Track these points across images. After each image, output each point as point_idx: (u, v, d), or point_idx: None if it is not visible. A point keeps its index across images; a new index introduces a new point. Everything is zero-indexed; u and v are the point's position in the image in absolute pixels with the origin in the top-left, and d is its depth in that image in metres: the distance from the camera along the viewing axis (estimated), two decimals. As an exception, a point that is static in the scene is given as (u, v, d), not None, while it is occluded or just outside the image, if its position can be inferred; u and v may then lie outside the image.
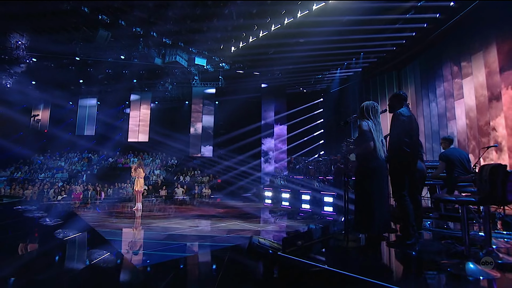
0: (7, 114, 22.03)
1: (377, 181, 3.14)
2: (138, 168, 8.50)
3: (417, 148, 3.67)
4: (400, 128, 3.51)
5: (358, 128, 3.21)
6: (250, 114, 19.75)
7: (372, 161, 3.20)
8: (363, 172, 3.24)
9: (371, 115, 3.30)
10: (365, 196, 3.14)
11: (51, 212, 7.91)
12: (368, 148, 3.12)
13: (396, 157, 3.49)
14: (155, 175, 18.45)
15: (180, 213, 8.13)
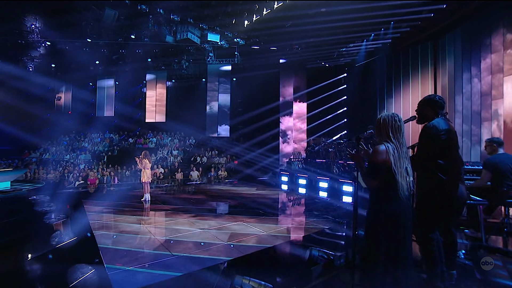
0: (33, 96, 22.69)
1: (395, 232, 2.20)
2: (144, 159, 8.14)
3: (459, 172, 2.77)
4: (433, 147, 2.67)
5: (373, 152, 2.26)
6: (268, 91, 18.72)
7: (389, 202, 2.25)
8: (375, 218, 2.30)
9: (392, 133, 2.32)
10: (374, 249, 2.24)
11: (60, 203, 7.86)
12: (383, 183, 2.19)
13: (425, 189, 2.65)
14: (173, 155, 18.38)
15: (188, 206, 7.76)
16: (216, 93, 19.14)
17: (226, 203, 8.10)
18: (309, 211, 7.78)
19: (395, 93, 13.91)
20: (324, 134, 16.69)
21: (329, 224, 6.09)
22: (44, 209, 7.00)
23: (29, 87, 21.46)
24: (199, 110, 19.93)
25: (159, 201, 8.30)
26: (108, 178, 11.89)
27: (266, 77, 18.74)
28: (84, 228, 5.62)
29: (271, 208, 7.73)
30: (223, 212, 7.14)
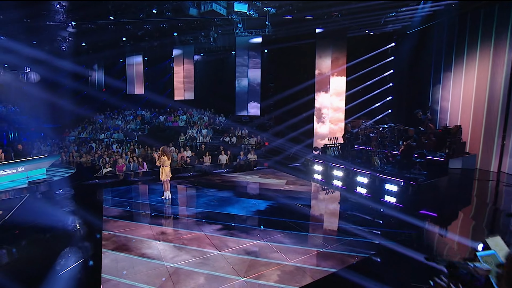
0: (70, 75, 23.22)
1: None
2: (162, 156, 7.48)
3: None
4: None
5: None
6: (303, 65, 16.98)
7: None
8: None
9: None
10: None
11: (80, 202, 7.63)
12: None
13: None
14: (202, 135, 17.89)
15: (209, 211, 7.09)
16: (245, 69, 17.80)
17: (250, 207, 7.26)
18: (345, 218, 6.70)
19: (455, 66, 11.62)
20: (365, 114, 14.90)
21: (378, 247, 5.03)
22: (59, 215, 6.70)
23: (65, 66, 21.89)
24: (229, 86, 18.87)
25: (179, 201, 7.71)
26: (135, 165, 11.66)
27: (300, 49, 16.89)
28: (93, 246, 5.16)
29: (300, 215, 6.76)
30: (245, 223, 6.32)
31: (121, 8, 13.49)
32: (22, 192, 8.97)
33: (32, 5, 14.42)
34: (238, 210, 7.00)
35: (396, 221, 6.42)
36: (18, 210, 7.04)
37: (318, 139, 15.40)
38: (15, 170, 10.55)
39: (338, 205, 7.91)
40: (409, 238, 5.60)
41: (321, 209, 7.77)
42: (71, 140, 19.30)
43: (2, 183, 10.21)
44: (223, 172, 11.41)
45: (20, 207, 7.21)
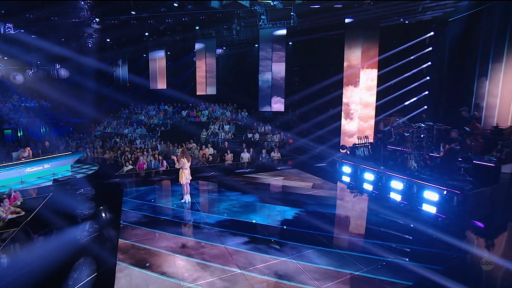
0: (95, 71, 23.68)
1: None
2: (182, 158, 7.09)
3: None
4: None
5: None
6: (330, 57, 16.04)
7: None
8: None
9: None
10: None
11: (98, 204, 7.47)
12: None
13: None
14: (224, 131, 17.52)
15: (231, 219, 6.64)
16: (269, 62, 17.10)
17: (275, 215, 6.72)
18: (380, 232, 5.98)
19: (507, 56, 10.26)
20: (398, 111, 13.80)
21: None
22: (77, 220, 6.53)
23: (91, 63, 22.32)
24: (252, 80, 18.29)
25: (200, 206, 7.32)
26: (156, 163, 11.48)
27: (327, 41, 15.96)
28: (108, 258, 4.87)
29: (330, 227, 6.15)
30: (270, 234, 5.79)
31: (142, 3, 13.23)
32: (46, 190, 9.02)
33: (58, 3, 14.60)
34: (262, 218, 6.49)
35: (439, 239, 5.61)
36: (39, 212, 6.97)
37: (345, 137, 14.50)
38: (41, 167, 10.71)
39: (371, 216, 7.16)
40: (456, 265, 4.82)
41: (352, 219, 7.06)
42: (97, 134, 19.66)
43: (29, 179, 10.40)
44: (245, 172, 10.94)
45: (41, 209, 7.15)
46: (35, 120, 21.52)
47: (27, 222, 6.40)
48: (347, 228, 6.47)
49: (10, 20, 16.95)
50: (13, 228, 6.21)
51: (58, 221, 6.47)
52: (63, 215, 6.77)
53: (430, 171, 8.75)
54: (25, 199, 7.89)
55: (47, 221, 6.45)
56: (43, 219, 6.61)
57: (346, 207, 7.76)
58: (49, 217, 6.68)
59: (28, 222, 6.40)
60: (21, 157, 10.62)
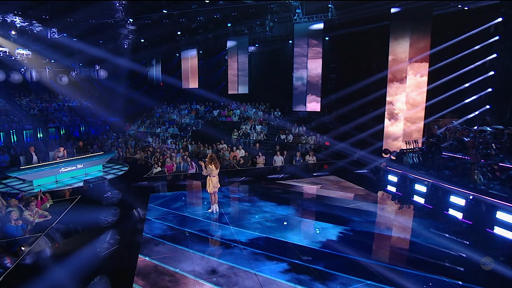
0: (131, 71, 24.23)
1: None
2: (209, 165, 6.44)
3: None
4: None
5: None
6: (372, 52, 14.65)
7: None
8: None
9: None
10: None
11: (122, 211, 7.08)
12: None
13: None
14: (256, 132, 16.81)
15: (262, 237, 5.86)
16: (304, 59, 16.07)
17: (316, 235, 5.80)
18: (446, 263, 4.83)
19: None
20: (453, 112, 12.11)
21: None
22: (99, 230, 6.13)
23: (126, 63, 22.82)
24: (286, 78, 17.37)
25: (228, 218, 6.61)
26: (185, 165, 11.05)
27: (369, 34, 14.51)
28: (124, 279, 4.31)
29: (383, 253, 5.12)
30: (311, 260, 4.87)
31: (173, 0, 12.93)
32: (76, 192, 8.91)
33: (94, 4, 14.84)
34: (301, 237, 5.61)
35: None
36: (64, 218, 6.72)
37: (389, 140, 13.09)
38: (74, 167, 10.75)
39: (431, 239, 5.96)
40: None
41: (409, 244, 5.80)
42: (131, 133, 19.97)
43: (63, 179, 10.48)
44: (278, 178, 10.09)
45: (66, 214, 6.91)
46: (76, 119, 22.51)
47: (50, 229, 6.13)
48: (404, 255, 5.35)
49: (54, 25, 17.68)
50: (38, 233, 5.99)
51: (79, 229, 6.15)
52: (86, 222, 6.46)
53: (501, 185, 7.28)
54: (55, 201, 7.77)
55: (69, 229, 6.16)
56: (66, 226, 6.32)
57: (399, 226, 6.59)
58: (72, 224, 6.40)
59: (51, 230, 6.13)
60: (56, 157, 10.73)
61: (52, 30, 18.55)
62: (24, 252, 5.27)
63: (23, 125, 19.64)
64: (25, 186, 9.76)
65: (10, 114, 20.02)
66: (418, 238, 5.72)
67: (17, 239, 5.99)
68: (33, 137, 19.50)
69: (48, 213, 6.93)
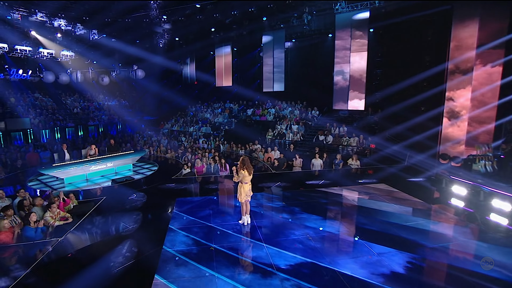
0: (166, 69, 24.33)
1: None
2: (241, 170, 5.48)
3: None
4: None
5: None
6: (427, 43, 12.86)
7: None
8: None
9: None
10: None
11: (144, 217, 6.40)
12: None
13: None
14: (292, 132, 15.65)
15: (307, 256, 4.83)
16: (347, 53, 14.60)
17: (374, 263, 4.57)
18: None
19: None
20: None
21: None
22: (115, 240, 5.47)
23: (162, 62, 22.89)
24: (325, 74, 16.01)
25: (262, 232, 5.60)
26: (216, 167, 10.27)
27: (423, 22, 12.75)
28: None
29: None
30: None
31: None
32: (102, 192, 8.51)
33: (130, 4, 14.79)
34: (356, 266, 4.41)
35: None
36: (85, 221, 6.19)
37: (449, 144, 11.23)
38: (105, 166, 10.48)
39: None
40: None
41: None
42: (164, 132, 19.86)
43: (94, 178, 10.24)
44: (319, 184, 8.89)
45: (88, 217, 6.39)
46: (114, 118, 23.07)
47: (68, 234, 5.60)
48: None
49: (93, 25, 18.08)
50: (56, 238, 5.49)
51: (98, 236, 5.55)
52: (106, 228, 5.86)
53: None
54: (80, 202, 7.36)
55: (85, 236, 5.58)
56: (85, 232, 5.76)
57: (487, 260, 5.09)
58: (91, 229, 5.83)
59: (69, 235, 5.59)
60: (88, 155, 10.55)
61: (93, 32, 19.07)
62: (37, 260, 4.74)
63: (66, 123, 20.43)
64: (57, 184, 9.63)
65: (56, 113, 20.98)
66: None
67: (35, 243, 5.55)
68: (74, 134, 20.19)
69: (70, 215, 6.48)
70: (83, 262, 4.62)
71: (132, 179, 9.50)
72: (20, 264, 4.66)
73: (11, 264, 4.69)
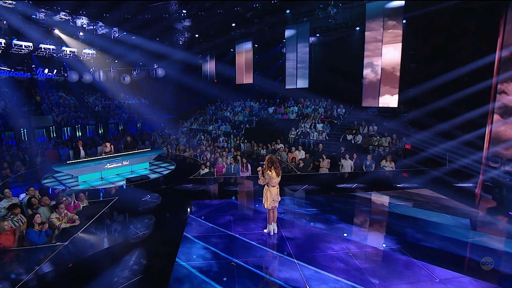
0: (186, 67, 23.98)
1: None
2: (268, 171, 4.63)
3: None
4: None
5: None
6: (469, 34, 11.52)
7: None
8: None
9: None
10: None
11: (157, 222, 5.70)
12: None
13: None
14: (317, 130, 14.63)
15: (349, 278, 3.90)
16: (378, 45, 13.40)
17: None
18: None
19: None
20: None
21: None
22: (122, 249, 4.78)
23: (182, 60, 22.55)
24: (353, 70, 14.87)
25: (292, 246, 4.72)
26: (236, 167, 9.49)
27: (467, 10, 11.40)
28: None
29: None
30: None
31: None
32: (116, 191, 7.95)
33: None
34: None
35: None
36: (92, 225, 5.57)
37: (501, 145, 9.82)
38: (120, 164, 9.97)
39: None
40: None
41: None
42: (183, 130, 19.40)
43: (108, 176, 9.77)
44: (351, 188, 7.89)
45: (96, 221, 5.77)
46: (133, 116, 22.98)
47: (73, 239, 4.99)
48: None
49: (113, 23, 17.90)
50: (59, 243, 4.91)
51: (103, 244, 4.89)
52: (114, 234, 5.21)
53: None
54: (91, 203, 6.80)
55: (92, 242, 4.94)
56: (90, 237, 5.12)
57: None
58: (98, 234, 5.20)
59: (74, 240, 4.97)
60: (103, 152, 10.10)
61: (114, 30, 18.95)
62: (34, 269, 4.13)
63: (87, 121, 20.50)
64: (71, 182, 9.22)
65: (78, 111, 21.12)
66: None
67: (37, 248, 4.98)
68: (95, 132, 20.19)
69: (78, 217, 5.89)
70: (82, 276, 3.95)
71: (148, 178, 8.90)
72: (16, 273, 4.06)
73: (6, 272, 4.10)
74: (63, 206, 5.80)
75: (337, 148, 12.40)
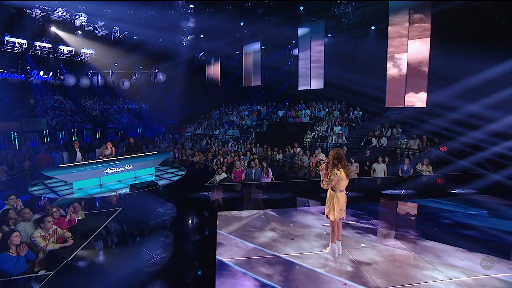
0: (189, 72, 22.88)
1: None
2: (335, 169, 3.39)
3: None
4: None
5: None
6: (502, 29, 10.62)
7: None
8: None
9: None
10: None
11: (173, 243, 4.38)
12: None
13: None
14: (335, 133, 13.42)
15: None
16: (404, 40, 12.37)
17: None
18: None
19: None
20: None
21: None
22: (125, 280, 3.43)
23: (185, 64, 21.51)
24: (373, 69, 13.79)
25: (370, 274, 3.42)
26: (257, 172, 8.19)
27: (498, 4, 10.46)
28: None
29: None
30: None
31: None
32: (118, 202, 6.60)
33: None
34: None
35: None
36: (89, 246, 4.22)
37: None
38: (122, 168, 8.63)
39: None
40: None
41: None
42: (187, 135, 18.12)
43: (108, 183, 8.42)
44: (401, 195, 6.62)
45: (95, 239, 4.42)
46: (133, 120, 21.70)
47: (64, 266, 3.63)
48: None
49: (115, 21, 16.82)
50: (44, 273, 3.56)
51: (108, 273, 3.54)
52: (119, 259, 3.87)
53: None
54: (88, 215, 5.44)
55: (88, 271, 3.58)
56: (86, 265, 3.76)
57: None
58: (96, 261, 3.85)
59: (66, 267, 3.62)
60: (103, 155, 8.76)
61: (114, 29, 17.86)
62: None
63: (84, 125, 19.17)
64: (64, 189, 7.86)
65: (74, 115, 19.81)
66: None
67: (12, 280, 3.62)
68: (92, 136, 18.85)
69: (71, 235, 4.52)
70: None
71: (156, 184, 7.54)
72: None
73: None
74: (51, 220, 4.42)
75: (357, 152, 11.23)
